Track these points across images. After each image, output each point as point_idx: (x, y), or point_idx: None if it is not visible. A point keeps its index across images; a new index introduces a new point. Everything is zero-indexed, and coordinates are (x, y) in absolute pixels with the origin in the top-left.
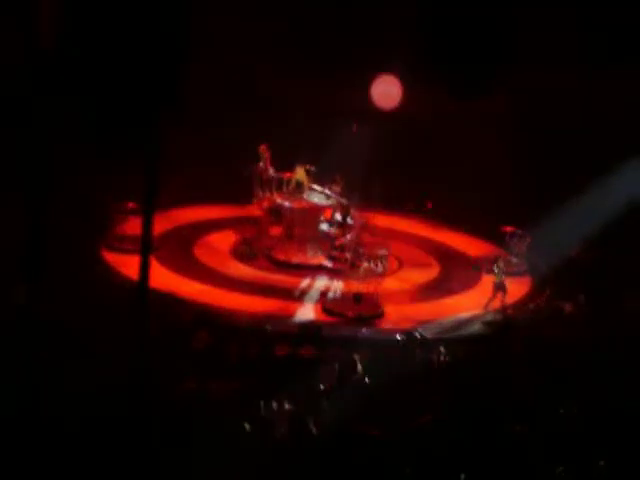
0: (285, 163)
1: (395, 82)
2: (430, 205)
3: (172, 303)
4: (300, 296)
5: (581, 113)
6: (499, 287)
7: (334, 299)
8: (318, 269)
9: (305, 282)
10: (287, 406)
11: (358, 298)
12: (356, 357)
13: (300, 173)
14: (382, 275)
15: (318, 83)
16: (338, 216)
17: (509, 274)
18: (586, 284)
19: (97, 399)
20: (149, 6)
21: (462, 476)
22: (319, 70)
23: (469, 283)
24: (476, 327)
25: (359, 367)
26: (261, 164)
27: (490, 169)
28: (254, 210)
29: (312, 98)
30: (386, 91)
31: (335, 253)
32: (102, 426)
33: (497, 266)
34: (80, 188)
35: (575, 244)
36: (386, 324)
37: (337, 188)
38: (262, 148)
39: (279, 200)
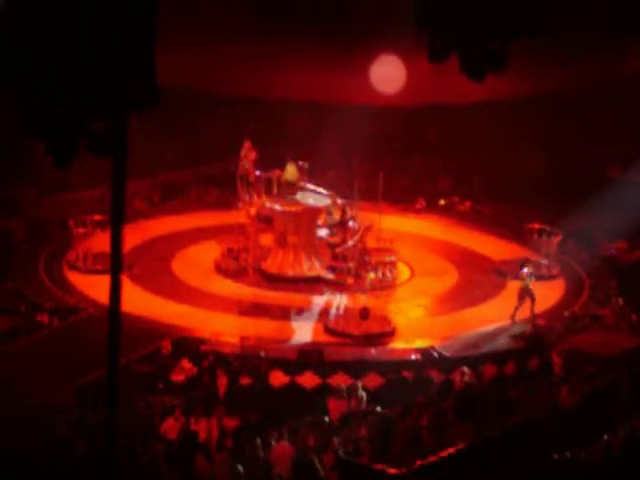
0: (273, 160)
1: (398, 63)
2: (450, 200)
3: (148, 329)
4: (297, 315)
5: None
6: (527, 294)
7: (337, 317)
8: (317, 282)
9: (302, 298)
10: (288, 444)
11: (365, 314)
12: (362, 384)
13: (291, 171)
14: (391, 286)
15: (307, 67)
16: (337, 219)
17: (538, 278)
18: (628, 287)
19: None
20: None
21: None
22: (309, 53)
23: (492, 291)
24: (503, 342)
25: (365, 396)
26: (245, 163)
27: (513, 159)
28: (240, 216)
29: (302, 85)
30: (388, 73)
31: (336, 263)
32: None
33: (524, 269)
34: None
35: (613, 242)
36: (398, 343)
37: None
38: (246, 145)
39: (268, 203)
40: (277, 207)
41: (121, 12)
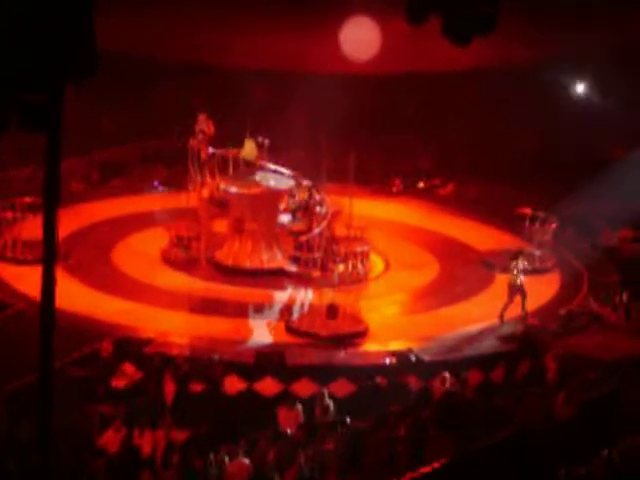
0: (229, 136)
1: (371, 25)
2: (431, 182)
3: (86, 328)
4: (256, 313)
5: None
6: (517, 289)
7: (301, 315)
8: (278, 275)
9: (262, 293)
10: (244, 459)
11: (333, 312)
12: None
13: (249, 148)
14: (363, 280)
15: (269, 30)
16: (301, 203)
17: (531, 271)
18: (629, 281)
19: None
20: None
21: None
22: (271, 14)
23: (478, 286)
24: (490, 344)
25: (333, 405)
26: (198, 139)
27: (502, 135)
28: (190, 199)
29: (263, 50)
30: (360, 37)
31: (300, 253)
32: None
33: (515, 261)
34: None
35: (614, 231)
36: (371, 345)
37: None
38: (201, 118)
39: (223, 185)
40: (233, 189)
41: None
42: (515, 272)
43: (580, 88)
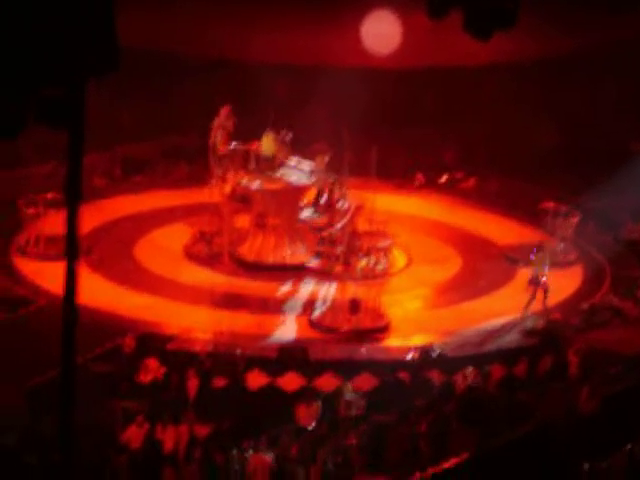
0: (251, 131)
1: (392, 19)
2: (453, 176)
3: (109, 324)
4: (278, 308)
5: None
6: (538, 283)
7: (323, 310)
8: (301, 270)
9: (284, 289)
10: (267, 455)
11: (355, 307)
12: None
13: (269, 142)
14: (386, 275)
15: (290, 25)
16: (324, 198)
17: (553, 265)
18: None
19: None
20: None
21: None
22: (292, 9)
23: (500, 280)
24: (512, 338)
25: (358, 399)
26: (219, 134)
27: (523, 128)
28: (213, 195)
29: (284, 45)
30: (381, 31)
31: (322, 248)
32: None
33: (537, 255)
34: None
35: (637, 224)
36: (393, 340)
37: (322, 161)
38: (223, 112)
39: (245, 181)
40: (255, 185)
41: None
42: (537, 264)
43: (602, 81)
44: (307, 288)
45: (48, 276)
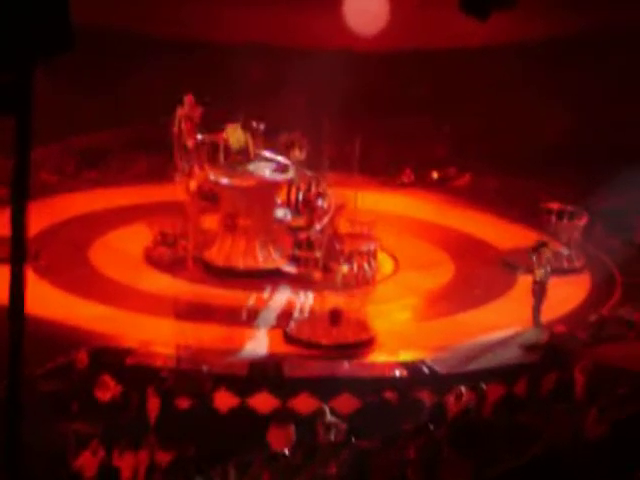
0: (220, 121)
1: None
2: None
3: (61, 336)
4: (250, 319)
5: None
6: (543, 288)
7: (300, 321)
8: (275, 277)
9: (256, 298)
10: None
11: (336, 318)
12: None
13: (238, 133)
14: (370, 282)
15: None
16: (301, 196)
17: (557, 271)
18: None
19: None
20: None
21: None
22: None
23: (498, 289)
24: (511, 354)
25: (338, 422)
26: (184, 123)
27: (524, 119)
28: (177, 192)
29: (257, 24)
30: (366, 9)
31: (299, 252)
32: None
33: (536, 255)
34: None
35: None
36: (378, 355)
37: (298, 153)
38: (187, 101)
39: (213, 176)
40: (224, 181)
41: None
42: (539, 267)
43: (610, 68)
44: (282, 297)
45: None
